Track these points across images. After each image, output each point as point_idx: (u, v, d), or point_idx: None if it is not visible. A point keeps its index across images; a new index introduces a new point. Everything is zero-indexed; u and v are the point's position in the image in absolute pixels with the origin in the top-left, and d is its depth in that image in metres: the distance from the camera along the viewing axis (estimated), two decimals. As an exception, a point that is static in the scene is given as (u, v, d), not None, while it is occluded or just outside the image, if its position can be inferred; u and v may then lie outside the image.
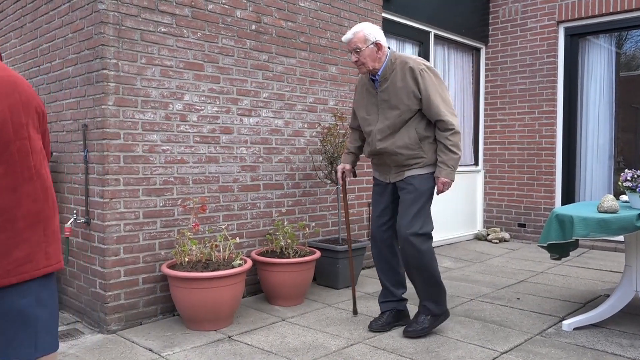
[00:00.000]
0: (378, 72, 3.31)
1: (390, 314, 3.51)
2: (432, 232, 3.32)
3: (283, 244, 4.14)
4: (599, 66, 6.46)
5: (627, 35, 6.37)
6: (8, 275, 1.86)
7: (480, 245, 6.61)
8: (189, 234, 3.70)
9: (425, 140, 3.29)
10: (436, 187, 3.32)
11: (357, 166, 5.16)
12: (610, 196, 3.42)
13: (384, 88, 3.30)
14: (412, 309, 3.67)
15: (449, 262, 5.67)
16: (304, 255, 4.10)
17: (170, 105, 3.74)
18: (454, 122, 3.22)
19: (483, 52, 7.18)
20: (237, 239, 3.98)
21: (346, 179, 3.75)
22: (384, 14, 5.49)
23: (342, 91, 5.01)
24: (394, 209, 3.45)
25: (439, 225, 6.50)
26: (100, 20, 3.40)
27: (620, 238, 4.77)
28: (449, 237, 6.69)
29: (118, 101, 3.48)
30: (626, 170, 3.52)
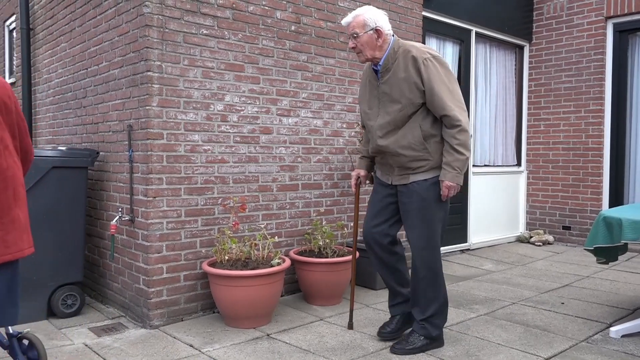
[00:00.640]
0: (380, 62, 3.01)
1: (400, 318, 3.28)
2: (441, 243, 3.11)
3: (321, 243, 4.15)
4: (650, 63, 6.21)
5: (681, 30, 6.10)
6: None
7: (522, 248, 6.45)
8: (229, 232, 3.75)
9: (431, 140, 2.95)
10: (441, 192, 2.97)
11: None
12: (662, 198, 3.28)
13: (385, 79, 3.00)
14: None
15: (490, 265, 5.55)
16: (342, 255, 4.10)
17: (211, 106, 3.81)
18: (461, 118, 2.86)
19: (526, 50, 7.00)
20: (276, 238, 4.02)
21: (360, 186, 3.48)
22: (424, 13, 5.43)
23: (381, 91, 4.97)
24: (392, 212, 3.15)
25: (479, 226, 6.38)
26: (145, 23, 3.49)
27: (673, 242, 4.56)
28: (490, 239, 6.55)
29: (161, 102, 3.57)
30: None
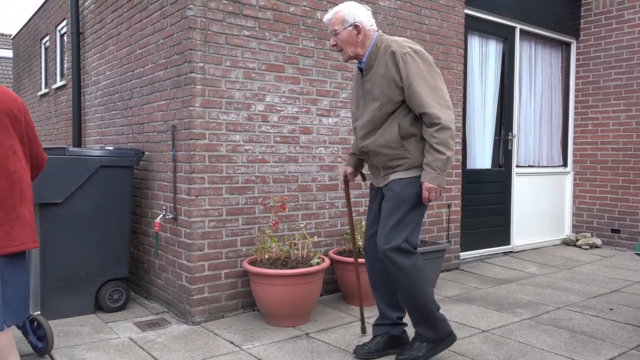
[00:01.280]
0: (363, 59, 2.88)
1: (381, 339, 3.04)
2: (417, 246, 2.87)
3: (360, 243, 4.13)
4: None
5: None
6: None
7: (568, 251, 6.25)
8: (269, 231, 3.79)
9: (411, 138, 2.79)
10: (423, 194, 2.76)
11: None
12: None
13: (368, 77, 2.86)
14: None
15: (534, 268, 5.41)
16: (382, 256, 4.07)
17: (252, 106, 3.86)
18: (442, 116, 2.66)
19: (574, 47, 6.78)
20: (315, 237, 4.03)
21: (348, 184, 3.35)
22: (466, 11, 5.34)
23: (422, 90, 4.91)
24: None
25: (523, 228, 6.23)
26: (189, 26, 3.57)
27: None
28: (534, 242, 6.38)
29: (204, 103, 3.64)
30: None
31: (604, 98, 6.52)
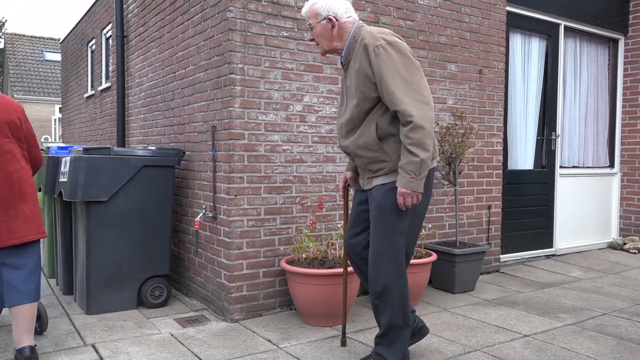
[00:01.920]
0: (342, 53, 2.73)
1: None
2: (405, 257, 2.70)
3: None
4: None
5: None
6: None
7: (615, 255, 6.03)
8: (307, 231, 3.81)
9: (389, 139, 2.59)
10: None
11: (480, 167, 4.97)
12: None
13: (347, 72, 2.72)
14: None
15: (578, 272, 5.25)
16: (420, 257, 4.03)
17: (290, 107, 3.88)
18: (415, 112, 2.43)
19: (621, 44, 6.54)
20: (353, 238, 4.01)
21: (348, 190, 3.14)
22: (508, 7, 5.22)
23: (462, 89, 4.85)
24: (366, 219, 2.81)
25: (566, 231, 6.05)
26: (229, 27, 3.62)
27: None
28: (578, 245, 6.18)
29: (243, 103, 3.68)
30: None
31: (654, 96, 6.26)
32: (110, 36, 7.31)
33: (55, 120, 25.24)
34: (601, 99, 6.49)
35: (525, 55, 5.69)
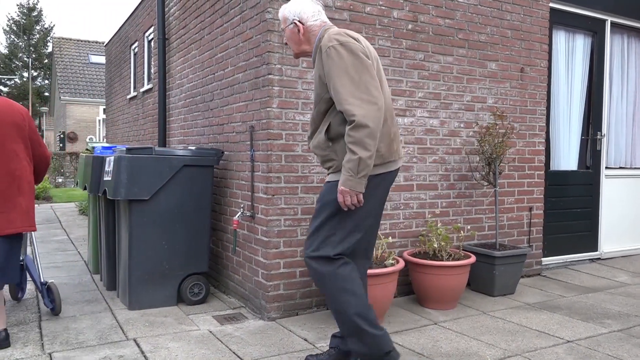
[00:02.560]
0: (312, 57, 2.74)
1: (332, 352, 2.85)
2: (339, 254, 2.60)
3: (436, 246, 4.06)
4: None
5: None
6: None
7: (664, 260, 5.79)
8: (343, 231, 3.79)
9: (340, 139, 2.58)
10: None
11: (522, 167, 4.86)
12: None
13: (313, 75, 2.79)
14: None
15: (625, 277, 5.06)
16: (459, 259, 3.97)
17: (328, 107, 3.88)
18: (358, 112, 2.42)
19: (673, 39, 6.26)
20: (390, 238, 4.00)
21: None
22: (551, 4, 5.08)
23: (503, 88, 4.75)
24: None
25: (612, 234, 5.84)
26: (267, 29, 3.65)
27: None
28: (625, 249, 5.95)
29: (281, 104, 3.71)
30: None
31: None
32: (152, 39, 7.49)
33: (99, 121, 26.05)
34: (650, 97, 6.23)
35: (569, 53, 5.52)
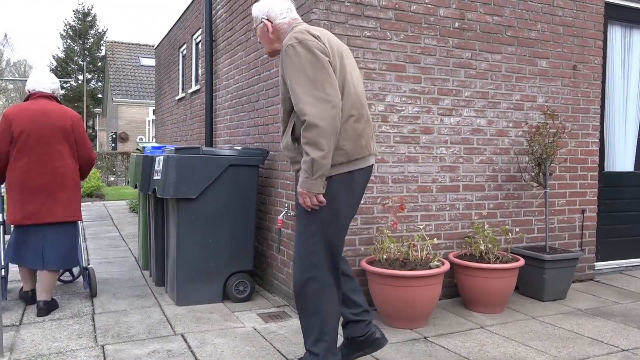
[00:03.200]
0: None
1: (345, 343, 2.84)
2: (324, 265, 2.54)
3: (483, 248, 3.97)
4: None
5: None
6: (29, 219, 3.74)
7: None
8: (388, 232, 3.78)
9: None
10: None
11: (573, 168, 4.70)
12: None
13: None
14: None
15: (686, 284, 4.80)
16: (506, 262, 3.88)
17: (372, 107, 3.87)
18: (310, 111, 2.35)
19: None
20: (435, 239, 3.94)
21: None
22: (606, -1, 4.89)
23: (554, 87, 4.60)
24: None
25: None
26: (312, 29, 3.67)
27: None
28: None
29: (326, 104, 3.71)
30: None
31: None
32: (199, 41, 7.66)
33: (149, 121, 26.86)
34: None
35: (626, 49, 5.29)
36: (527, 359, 3.02)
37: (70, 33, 43.32)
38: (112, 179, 19.75)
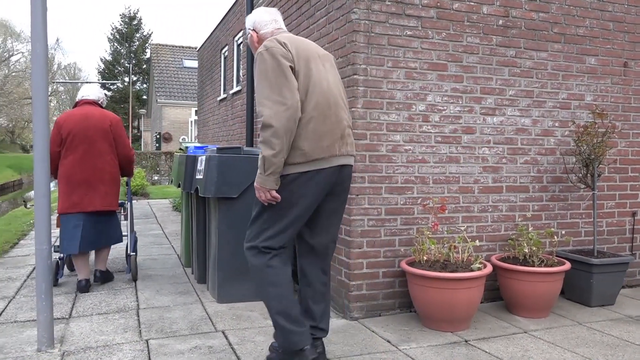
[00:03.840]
0: None
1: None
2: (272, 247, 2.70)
3: (527, 250, 3.88)
4: None
5: None
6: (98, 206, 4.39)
7: None
8: (428, 233, 3.73)
9: None
10: None
11: (624, 169, 4.53)
12: None
13: None
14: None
15: None
16: (552, 265, 3.77)
17: (413, 106, 3.83)
18: (265, 112, 2.53)
19: None
20: (477, 241, 3.87)
21: None
22: (660, -8, 4.67)
23: (603, 85, 4.44)
24: None
25: None
26: (353, 29, 3.67)
27: None
28: None
29: (366, 104, 3.71)
30: None
31: None
32: (241, 43, 7.77)
33: (191, 122, 27.44)
34: None
35: (681, 45, 5.05)
36: (573, 366, 2.93)
37: (117, 36, 44.64)
38: (156, 178, 20.27)
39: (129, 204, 5.02)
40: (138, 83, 44.26)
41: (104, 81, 39.26)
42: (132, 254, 4.75)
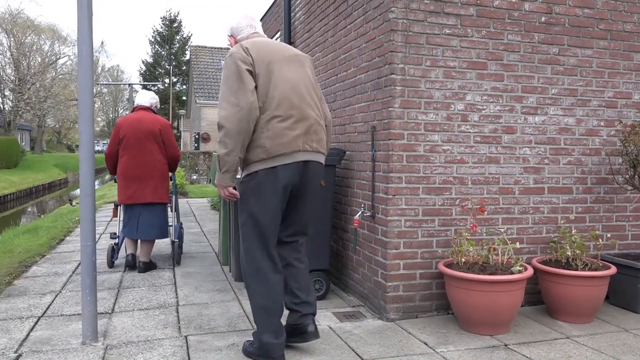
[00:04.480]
0: None
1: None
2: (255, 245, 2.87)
3: (570, 254, 3.77)
4: None
5: None
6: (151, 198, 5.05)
7: None
8: (466, 234, 3.67)
9: None
10: None
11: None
12: None
13: None
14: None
15: None
16: (596, 269, 3.65)
17: (451, 106, 3.78)
18: (221, 114, 2.71)
19: None
20: (517, 244, 3.79)
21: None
22: None
23: (652, 82, 4.27)
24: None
25: None
26: (390, 28, 3.64)
27: None
28: None
29: (403, 103, 3.68)
30: None
31: None
32: (278, 43, 7.82)
33: (229, 122, 27.75)
34: None
35: None
36: (619, 374, 2.83)
37: (158, 39, 45.69)
38: (195, 177, 20.65)
39: (174, 197, 5.60)
40: (178, 84, 45.19)
41: (145, 83, 40.26)
42: (176, 240, 5.40)
